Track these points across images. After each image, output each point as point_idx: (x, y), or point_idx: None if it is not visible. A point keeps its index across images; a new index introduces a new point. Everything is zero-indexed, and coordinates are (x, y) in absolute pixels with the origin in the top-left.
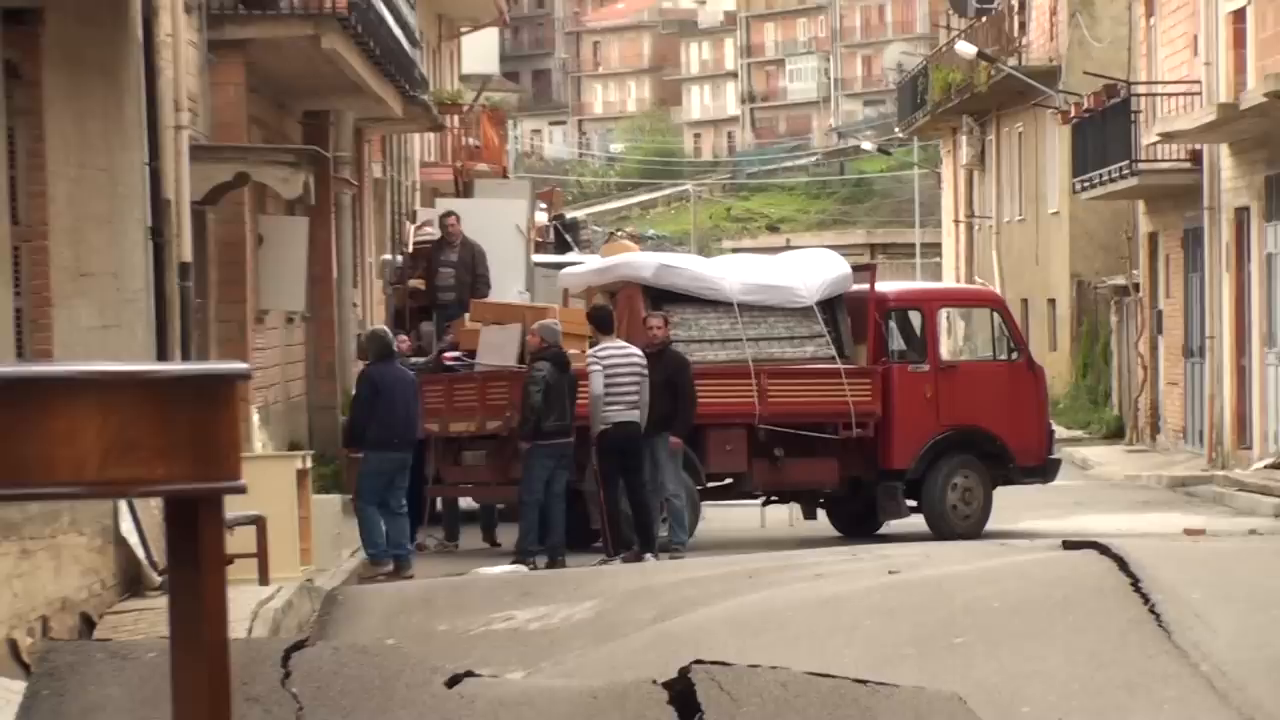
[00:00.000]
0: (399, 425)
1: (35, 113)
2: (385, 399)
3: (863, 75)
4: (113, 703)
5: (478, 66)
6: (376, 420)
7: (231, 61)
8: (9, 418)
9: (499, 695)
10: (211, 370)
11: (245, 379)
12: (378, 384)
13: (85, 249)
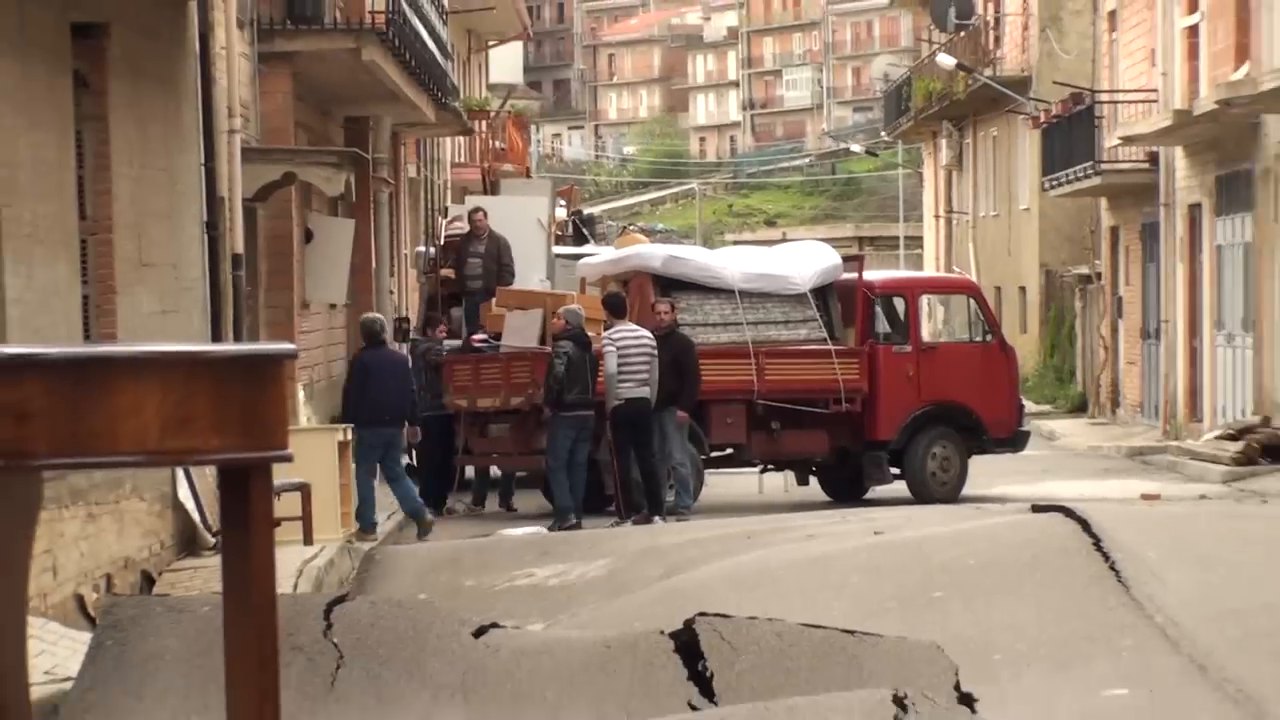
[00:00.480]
0: (389, 403)
1: (101, 119)
2: (375, 380)
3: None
4: (170, 652)
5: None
6: (368, 400)
7: (280, 72)
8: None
9: (521, 645)
10: (260, 351)
11: (291, 359)
12: (368, 367)
13: (146, 241)
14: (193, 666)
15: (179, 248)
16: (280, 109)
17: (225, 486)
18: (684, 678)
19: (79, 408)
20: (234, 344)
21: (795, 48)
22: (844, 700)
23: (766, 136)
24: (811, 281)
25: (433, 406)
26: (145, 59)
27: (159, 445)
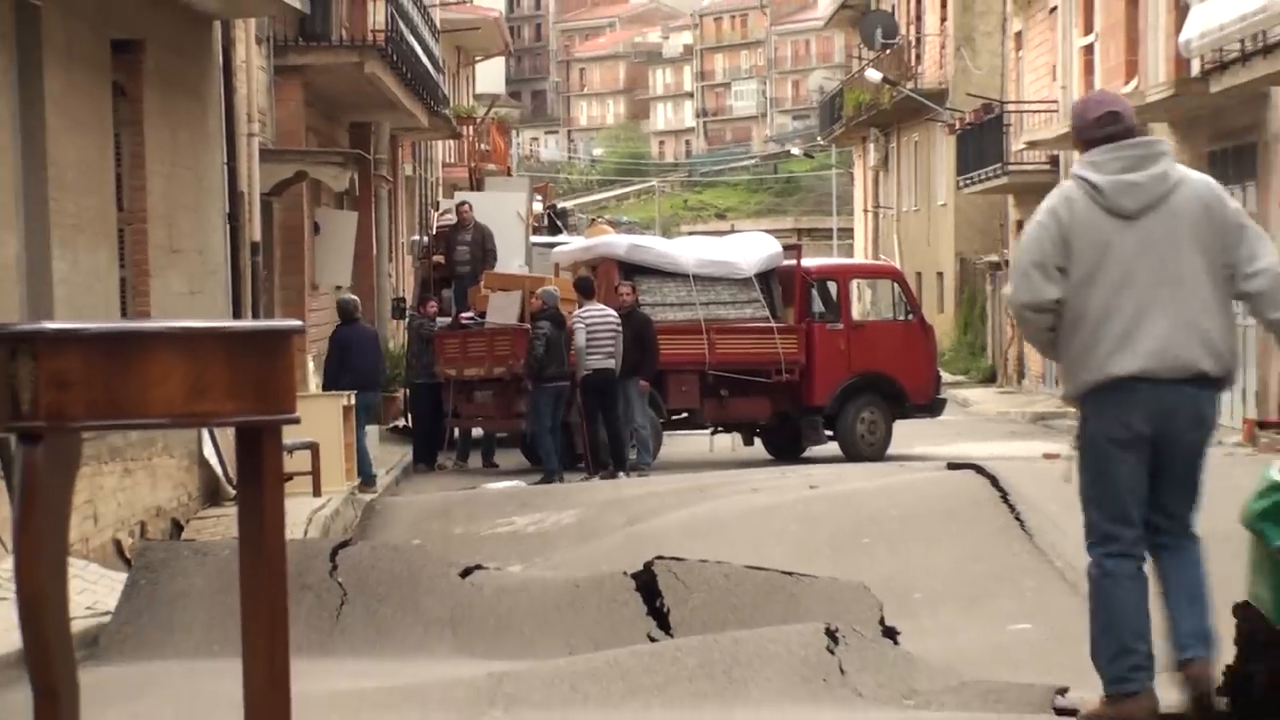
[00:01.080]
0: (367, 371)
1: (137, 123)
2: (354, 352)
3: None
4: (195, 590)
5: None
6: (348, 370)
7: (292, 82)
8: (115, 364)
9: (502, 584)
10: (271, 327)
11: (300, 334)
12: (347, 341)
13: (176, 231)
14: (215, 603)
15: (204, 236)
16: (293, 115)
17: (241, 445)
18: (644, 613)
19: (113, 376)
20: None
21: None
22: (783, 633)
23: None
24: (756, 267)
25: (425, 375)
26: (175, 71)
27: (183, 409)
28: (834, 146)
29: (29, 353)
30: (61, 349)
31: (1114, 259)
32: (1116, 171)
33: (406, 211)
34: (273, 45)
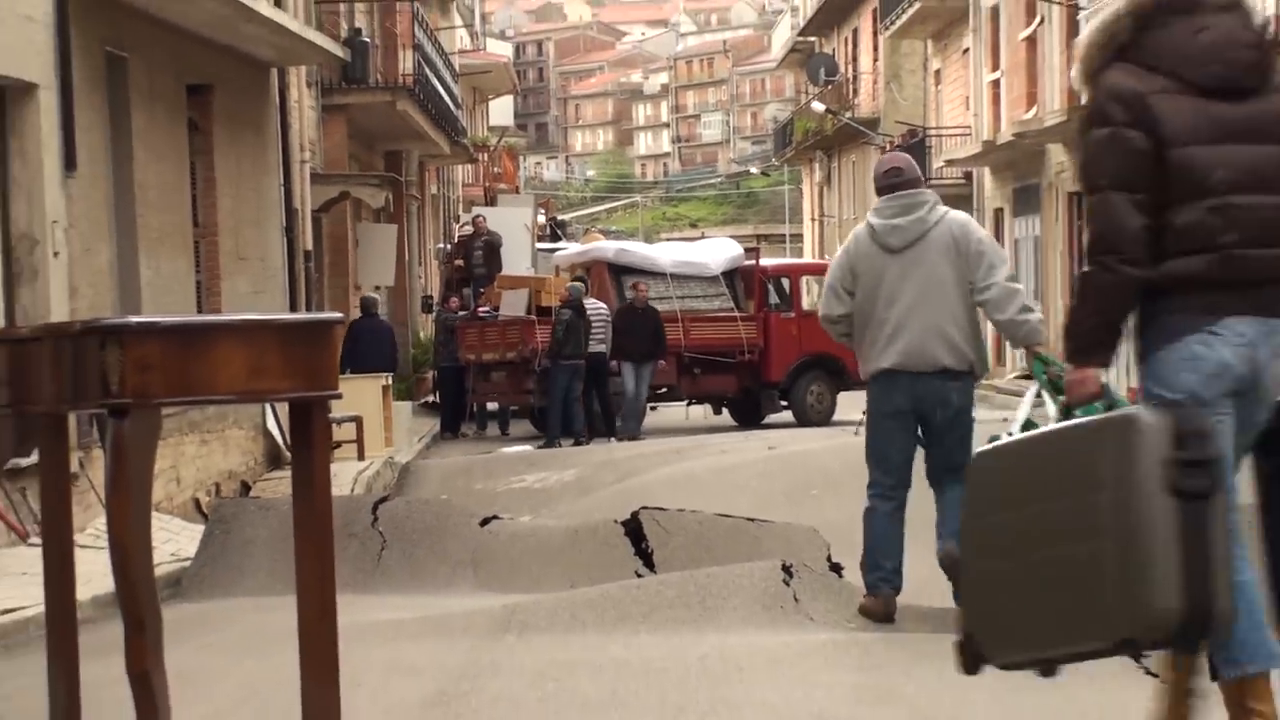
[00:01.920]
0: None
1: (208, 153)
2: (364, 343)
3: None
4: (260, 538)
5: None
6: (356, 356)
7: (337, 118)
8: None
9: (514, 530)
10: (316, 319)
11: (340, 324)
12: (357, 334)
13: (242, 242)
14: (276, 549)
15: (265, 246)
16: (337, 145)
17: (294, 417)
18: (632, 554)
19: (187, 361)
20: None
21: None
22: (747, 569)
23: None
24: (722, 266)
25: (450, 360)
26: (240, 110)
27: (245, 388)
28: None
29: (117, 342)
30: (143, 339)
31: (884, 282)
32: (889, 217)
33: (432, 224)
34: (320, 87)
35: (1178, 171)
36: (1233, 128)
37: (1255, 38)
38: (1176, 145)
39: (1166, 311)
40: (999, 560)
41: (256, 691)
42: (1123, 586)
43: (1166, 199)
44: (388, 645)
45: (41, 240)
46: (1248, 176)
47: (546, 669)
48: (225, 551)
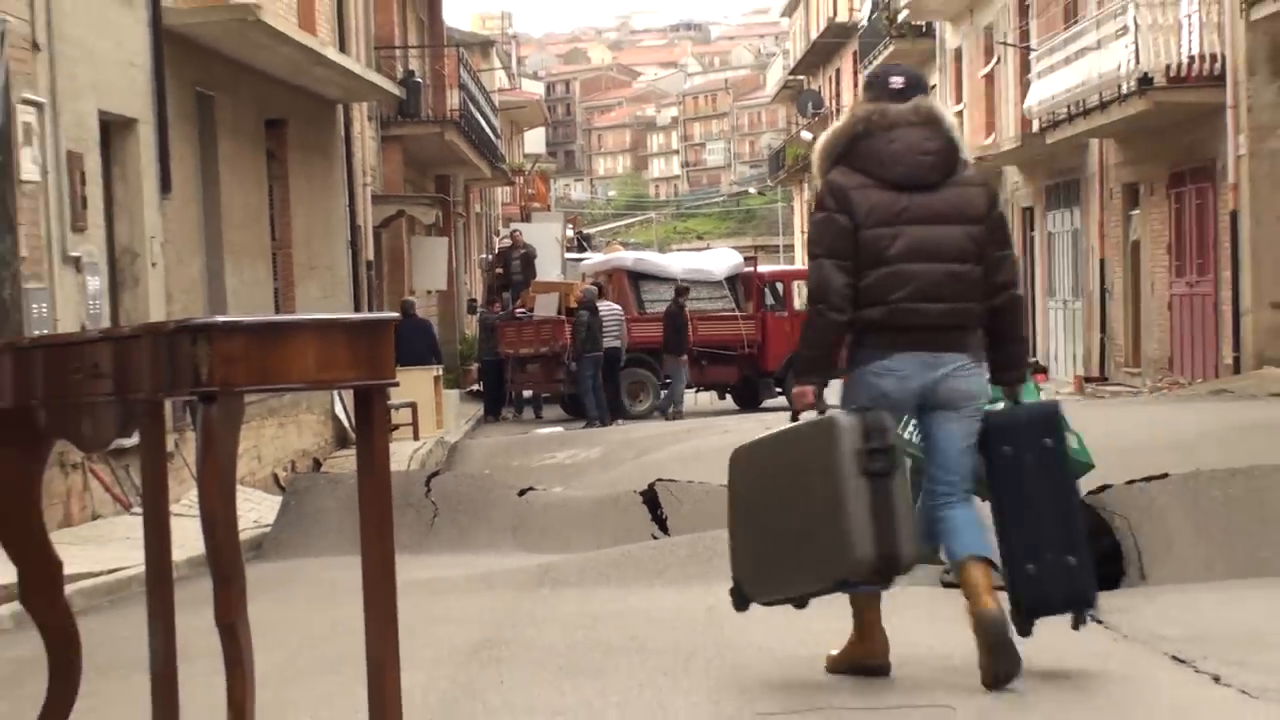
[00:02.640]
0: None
1: (284, 178)
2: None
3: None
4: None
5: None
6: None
7: (394, 147)
8: (269, 346)
9: (548, 500)
10: (376, 318)
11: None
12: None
13: (313, 252)
14: (343, 516)
15: (333, 257)
16: (394, 170)
17: (357, 403)
18: (648, 519)
19: (265, 354)
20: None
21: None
22: None
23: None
24: (725, 273)
25: (490, 354)
26: (311, 140)
27: (316, 377)
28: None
29: (206, 338)
30: (229, 335)
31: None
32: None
33: (476, 237)
34: (380, 121)
35: (865, 245)
36: (910, 213)
37: (936, 146)
38: (866, 226)
39: (859, 345)
40: (752, 525)
41: (326, 638)
42: (834, 542)
43: (860, 265)
44: (439, 598)
45: (141, 253)
46: (917, 249)
47: (575, 618)
48: (299, 519)
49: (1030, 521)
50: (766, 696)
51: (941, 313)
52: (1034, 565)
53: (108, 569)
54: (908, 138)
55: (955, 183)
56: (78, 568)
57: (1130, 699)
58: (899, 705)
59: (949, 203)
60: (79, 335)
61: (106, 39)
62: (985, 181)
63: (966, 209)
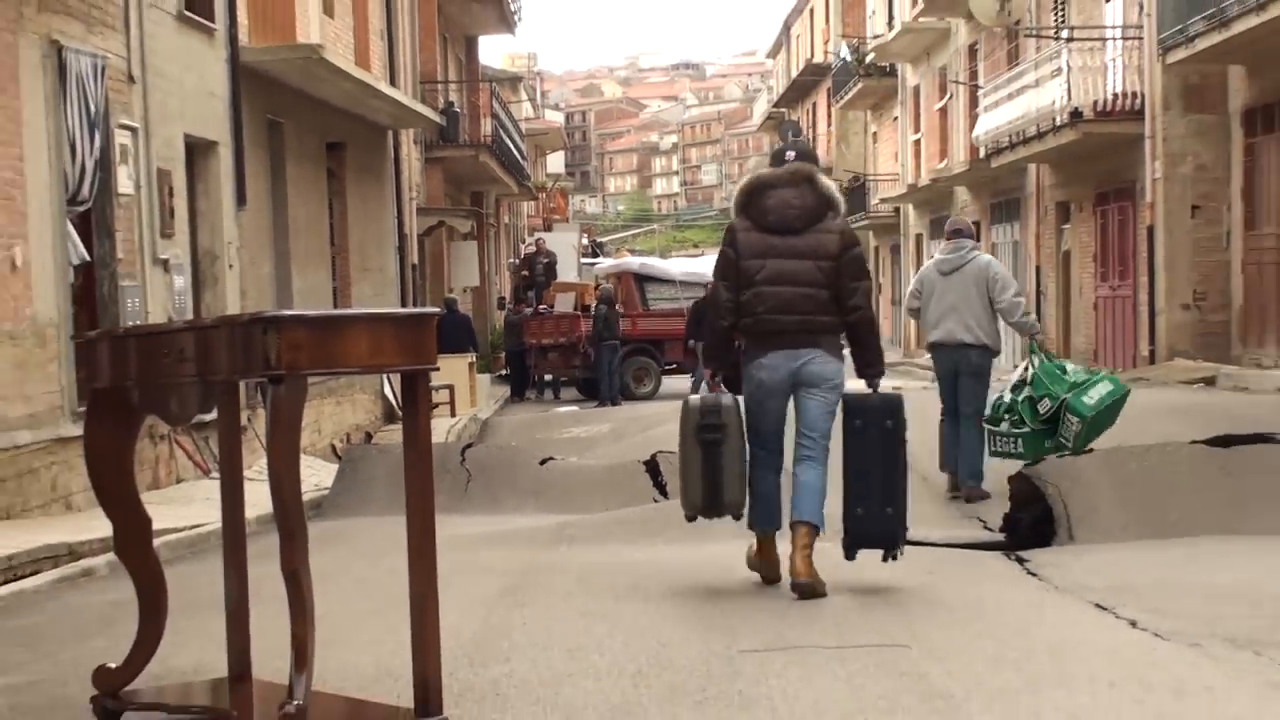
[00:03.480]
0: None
1: (341, 194)
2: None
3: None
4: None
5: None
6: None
7: (435, 167)
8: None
9: (565, 468)
10: (420, 312)
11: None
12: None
13: (366, 256)
14: (390, 481)
15: (384, 260)
16: (436, 186)
17: (404, 385)
18: (651, 486)
19: (325, 342)
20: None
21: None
22: None
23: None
24: None
25: (516, 345)
26: (365, 161)
27: (368, 362)
28: None
29: (275, 329)
30: (294, 326)
31: (937, 292)
32: (945, 254)
33: (505, 244)
34: (424, 144)
35: (742, 272)
36: (776, 250)
37: (802, 203)
38: (744, 258)
39: (745, 347)
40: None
41: (377, 585)
42: (686, 487)
43: (739, 286)
44: (472, 551)
45: (219, 256)
46: (776, 277)
47: (588, 569)
48: (353, 483)
49: (864, 478)
50: (749, 635)
51: (795, 322)
52: (861, 509)
53: (190, 525)
54: (781, 195)
55: (817, 230)
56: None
57: (1061, 641)
58: (860, 644)
59: (807, 244)
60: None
61: (191, 73)
62: (844, 230)
63: (820, 249)
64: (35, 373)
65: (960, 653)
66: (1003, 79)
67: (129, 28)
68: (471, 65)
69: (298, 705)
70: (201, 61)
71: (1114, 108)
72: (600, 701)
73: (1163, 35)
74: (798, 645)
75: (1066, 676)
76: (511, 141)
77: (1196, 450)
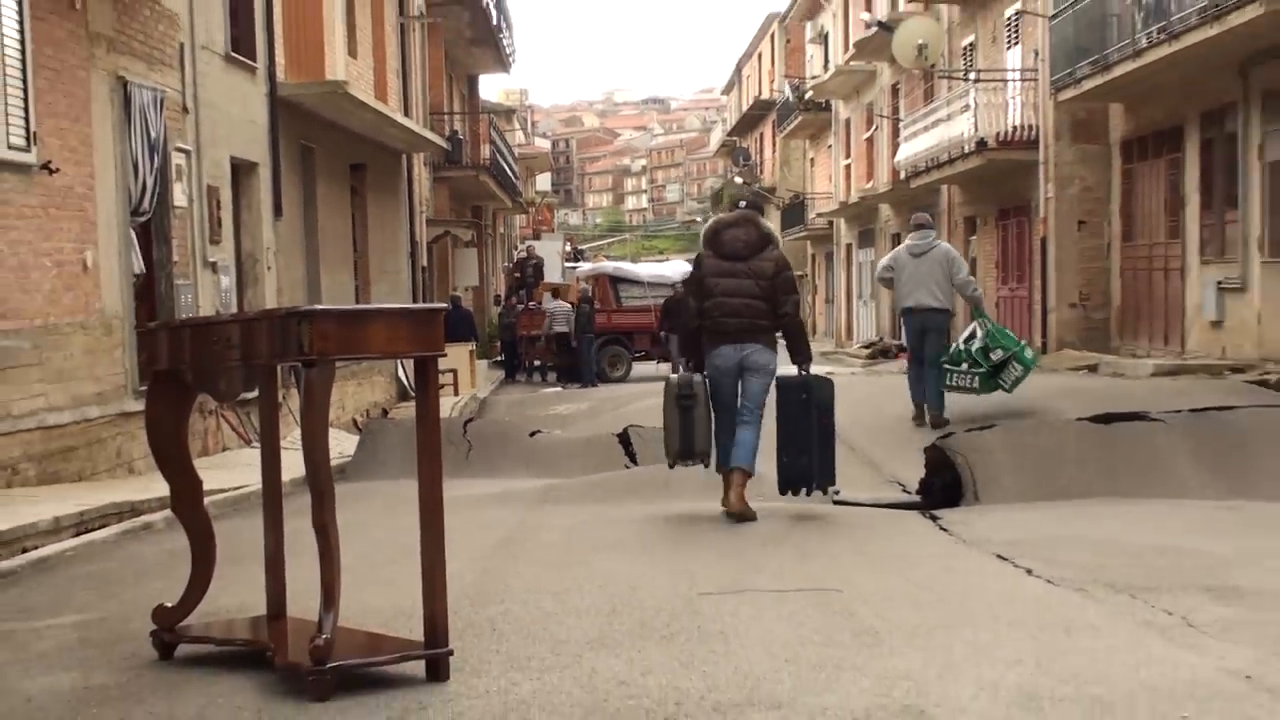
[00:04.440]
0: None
1: (363, 208)
2: (452, 323)
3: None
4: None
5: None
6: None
7: (442, 185)
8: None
9: (550, 440)
10: (429, 307)
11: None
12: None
13: (383, 260)
14: (404, 450)
15: (398, 264)
16: (442, 201)
17: (416, 369)
18: (623, 454)
19: (350, 332)
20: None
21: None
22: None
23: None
24: (678, 278)
25: (509, 336)
26: (383, 180)
27: (386, 349)
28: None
29: (308, 321)
30: (324, 319)
31: (909, 270)
32: (914, 241)
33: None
34: (433, 166)
35: (705, 287)
36: (728, 272)
37: (747, 238)
38: (706, 277)
39: (708, 341)
40: None
41: (392, 538)
42: (667, 440)
43: (702, 297)
44: (473, 510)
45: (260, 259)
46: (729, 290)
47: (571, 524)
48: (373, 452)
49: (787, 434)
50: (707, 580)
51: (739, 324)
52: (786, 457)
53: (234, 487)
54: (733, 233)
55: (759, 258)
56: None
57: (968, 586)
58: (800, 589)
59: (751, 268)
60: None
61: (236, 104)
62: (778, 258)
63: (759, 271)
64: (103, 358)
65: (884, 596)
66: (920, 113)
67: (184, 66)
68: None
69: (325, 639)
70: (245, 95)
71: (1013, 138)
72: (580, 636)
73: (1055, 77)
74: (748, 589)
75: (973, 616)
76: (506, 164)
77: (1082, 426)
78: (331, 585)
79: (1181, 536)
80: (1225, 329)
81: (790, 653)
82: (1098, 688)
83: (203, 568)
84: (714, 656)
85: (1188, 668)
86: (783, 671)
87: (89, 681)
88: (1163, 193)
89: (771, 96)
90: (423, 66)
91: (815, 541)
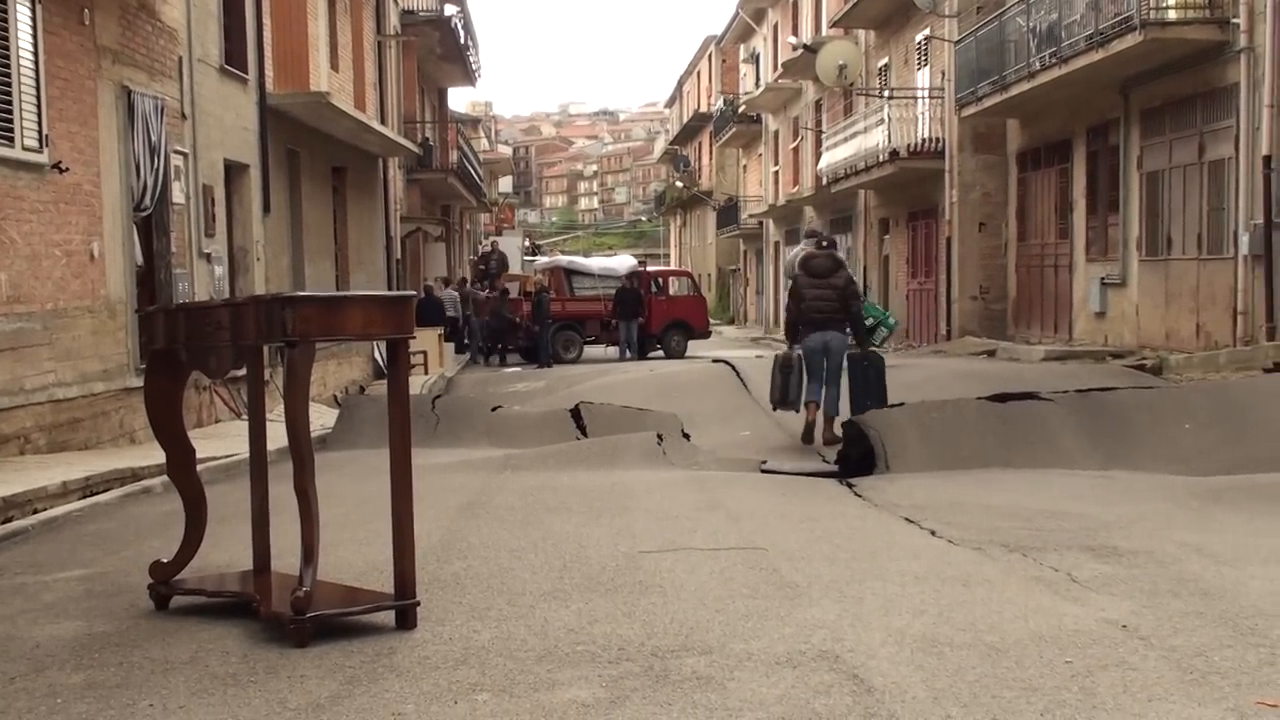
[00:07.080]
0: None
1: (343, 205)
2: (425, 309)
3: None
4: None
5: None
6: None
7: (414, 186)
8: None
9: (510, 415)
10: (401, 294)
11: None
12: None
13: (361, 254)
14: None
15: (374, 256)
16: (415, 201)
17: (389, 350)
18: (575, 428)
19: (329, 316)
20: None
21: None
22: (637, 436)
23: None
24: (626, 270)
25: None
26: (361, 180)
27: (362, 332)
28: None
29: (292, 306)
30: (305, 304)
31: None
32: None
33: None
34: (406, 169)
35: (801, 294)
36: (815, 285)
37: (827, 265)
38: (802, 289)
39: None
40: None
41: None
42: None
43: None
44: (440, 476)
45: (250, 251)
46: (815, 296)
47: (527, 489)
48: (350, 424)
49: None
50: (647, 540)
51: (823, 318)
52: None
53: (225, 454)
54: (819, 260)
55: (835, 276)
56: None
57: (878, 546)
58: (730, 547)
59: (830, 282)
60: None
61: (229, 111)
62: (847, 276)
63: (835, 283)
64: (107, 338)
65: (804, 554)
66: (840, 126)
67: (182, 77)
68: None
69: (305, 591)
70: (237, 103)
71: (922, 149)
72: (534, 589)
73: (959, 95)
74: (683, 547)
75: (882, 571)
76: (472, 168)
77: (981, 404)
78: (311, 543)
79: (1067, 502)
80: (1107, 319)
81: (720, 604)
82: (992, 635)
83: (195, 527)
84: (653, 608)
85: (1072, 618)
86: (714, 621)
87: (92, 629)
88: (1053, 198)
89: (709, 110)
90: (398, 79)
91: (744, 505)
